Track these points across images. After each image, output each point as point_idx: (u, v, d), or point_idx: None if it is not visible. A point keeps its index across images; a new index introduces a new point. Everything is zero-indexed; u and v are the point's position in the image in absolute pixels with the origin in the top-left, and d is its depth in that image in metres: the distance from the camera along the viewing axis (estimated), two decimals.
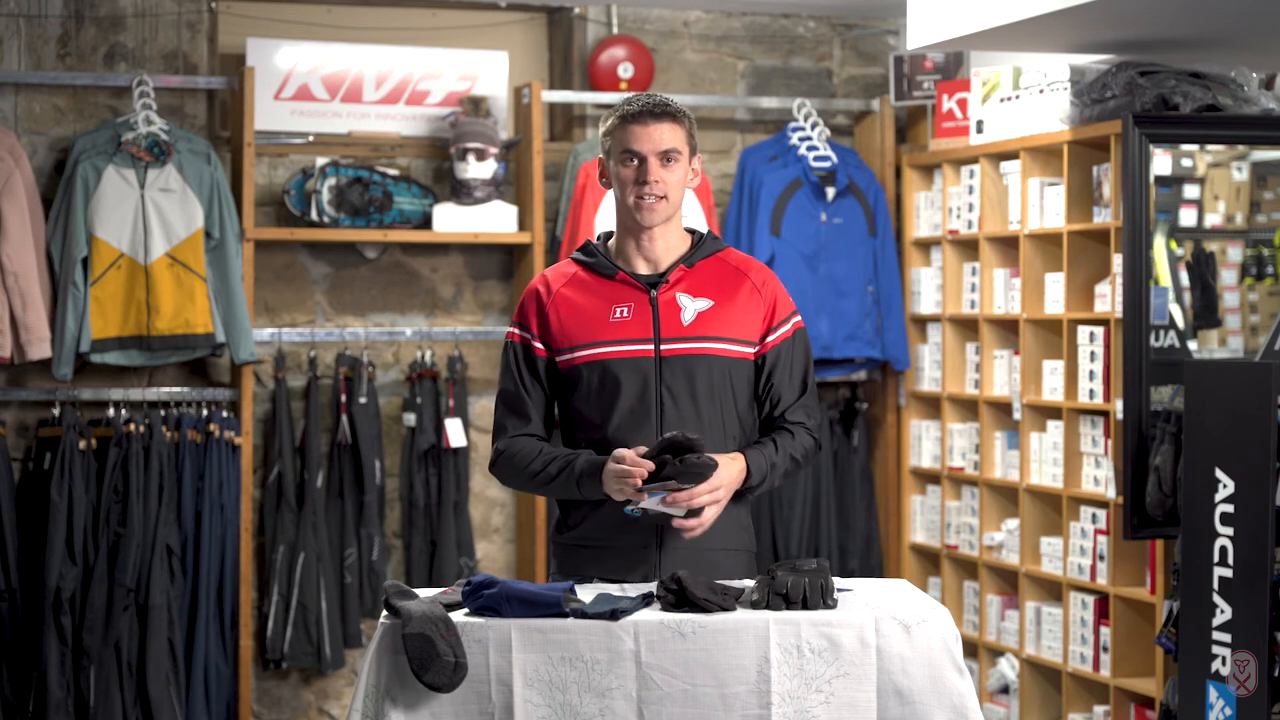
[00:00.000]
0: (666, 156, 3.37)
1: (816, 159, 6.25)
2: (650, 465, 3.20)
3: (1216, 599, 4.42)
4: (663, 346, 3.38)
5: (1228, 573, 4.39)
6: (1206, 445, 4.49)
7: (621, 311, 3.40)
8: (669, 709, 2.96)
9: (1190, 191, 6.17)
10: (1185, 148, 6.03)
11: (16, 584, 5.49)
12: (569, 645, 2.97)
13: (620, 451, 3.23)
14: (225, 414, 5.76)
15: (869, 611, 3.03)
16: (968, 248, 6.07)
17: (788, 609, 3.03)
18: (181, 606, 5.62)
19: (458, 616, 3.00)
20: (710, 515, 3.27)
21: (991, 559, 5.88)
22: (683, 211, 3.49)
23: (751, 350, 3.43)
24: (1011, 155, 5.75)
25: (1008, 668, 5.81)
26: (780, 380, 3.44)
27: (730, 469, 3.29)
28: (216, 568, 5.68)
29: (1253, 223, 6.24)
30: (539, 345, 3.44)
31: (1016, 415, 5.69)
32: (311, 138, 6.09)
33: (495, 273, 6.33)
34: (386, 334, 6.14)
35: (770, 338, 3.44)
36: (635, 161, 3.37)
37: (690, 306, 3.41)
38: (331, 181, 5.94)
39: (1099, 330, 5.29)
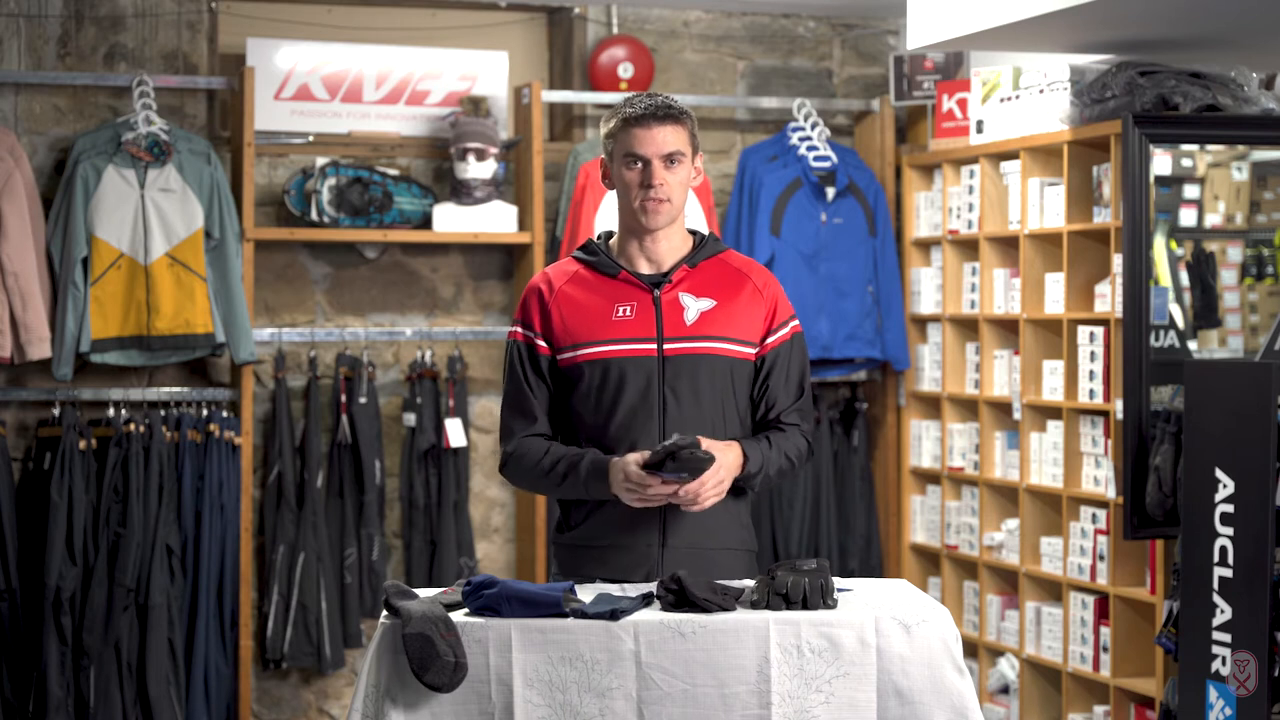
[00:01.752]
0: (670, 159, 3.37)
1: (816, 159, 6.25)
2: (655, 481, 3.22)
3: (1216, 599, 4.42)
4: (666, 346, 3.38)
5: (1228, 573, 4.39)
6: (1206, 445, 4.48)
7: (624, 310, 3.40)
8: (669, 709, 2.96)
9: (1190, 191, 6.17)
10: (1185, 148, 6.03)
11: (16, 584, 5.49)
12: (569, 645, 2.97)
13: (629, 469, 3.24)
14: (225, 414, 5.76)
15: (869, 611, 3.03)
16: (968, 248, 6.07)
17: (788, 609, 3.03)
18: (181, 606, 5.62)
19: (458, 616, 3.00)
20: (710, 499, 3.27)
21: (991, 559, 5.88)
22: (684, 212, 3.49)
23: (753, 351, 3.43)
24: (1011, 155, 5.75)
25: (1008, 668, 5.81)
26: (776, 383, 3.44)
27: (727, 455, 3.29)
28: (216, 568, 5.68)
29: (1253, 223, 6.24)
30: (542, 343, 3.43)
31: (1016, 415, 5.69)
32: (311, 138, 6.09)
33: (495, 273, 6.33)
34: (386, 334, 6.14)
35: (770, 339, 3.44)
36: (639, 165, 3.37)
37: (693, 306, 3.41)
38: (331, 181, 5.95)
39: (1099, 330, 5.29)
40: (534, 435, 3.43)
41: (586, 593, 3.17)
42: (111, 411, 5.69)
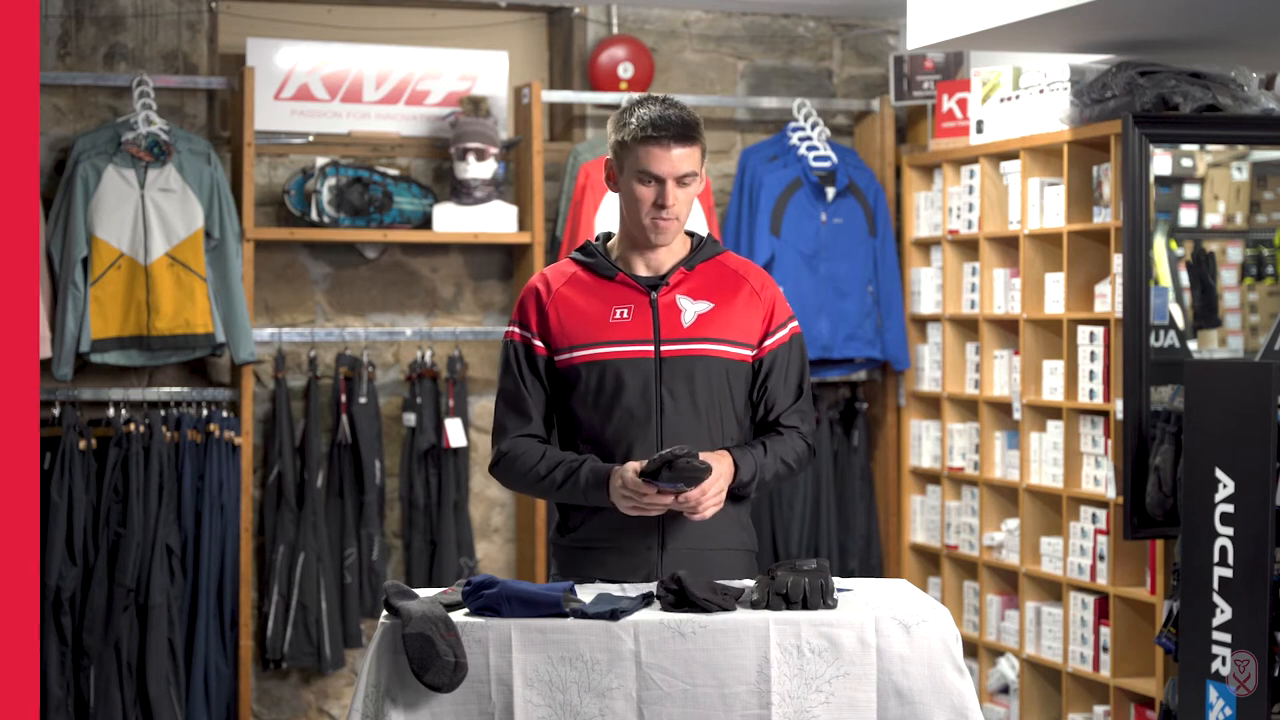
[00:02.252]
0: (683, 179, 3.36)
1: (816, 159, 6.25)
2: (651, 490, 3.22)
3: (1216, 599, 4.42)
4: (663, 348, 3.37)
5: (1228, 573, 4.39)
6: (1206, 445, 4.48)
7: (621, 313, 3.39)
8: (669, 709, 2.96)
9: (1190, 191, 6.17)
10: (1185, 148, 6.03)
11: None
12: (569, 645, 2.97)
13: (625, 477, 3.24)
14: (225, 414, 5.76)
15: (869, 611, 3.03)
16: (968, 248, 6.07)
17: (788, 609, 3.03)
18: (181, 606, 5.62)
19: (458, 616, 3.00)
20: (711, 509, 3.27)
21: (991, 559, 5.88)
22: None
23: (750, 353, 3.43)
24: (1011, 155, 5.75)
25: (1008, 668, 5.81)
26: (776, 384, 3.44)
27: (719, 465, 3.29)
28: (216, 568, 5.68)
29: (1253, 223, 6.24)
30: (539, 343, 3.43)
31: (1016, 415, 5.69)
32: (311, 138, 6.09)
33: (495, 273, 6.33)
34: (386, 334, 6.14)
35: (768, 341, 3.44)
36: (653, 183, 3.35)
37: (690, 308, 3.41)
38: (331, 181, 5.95)
39: (1099, 330, 5.29)
40: (527, 435, 3.42)
41: (586, 593, 3.17)
42: (111, 411, 5.69)
